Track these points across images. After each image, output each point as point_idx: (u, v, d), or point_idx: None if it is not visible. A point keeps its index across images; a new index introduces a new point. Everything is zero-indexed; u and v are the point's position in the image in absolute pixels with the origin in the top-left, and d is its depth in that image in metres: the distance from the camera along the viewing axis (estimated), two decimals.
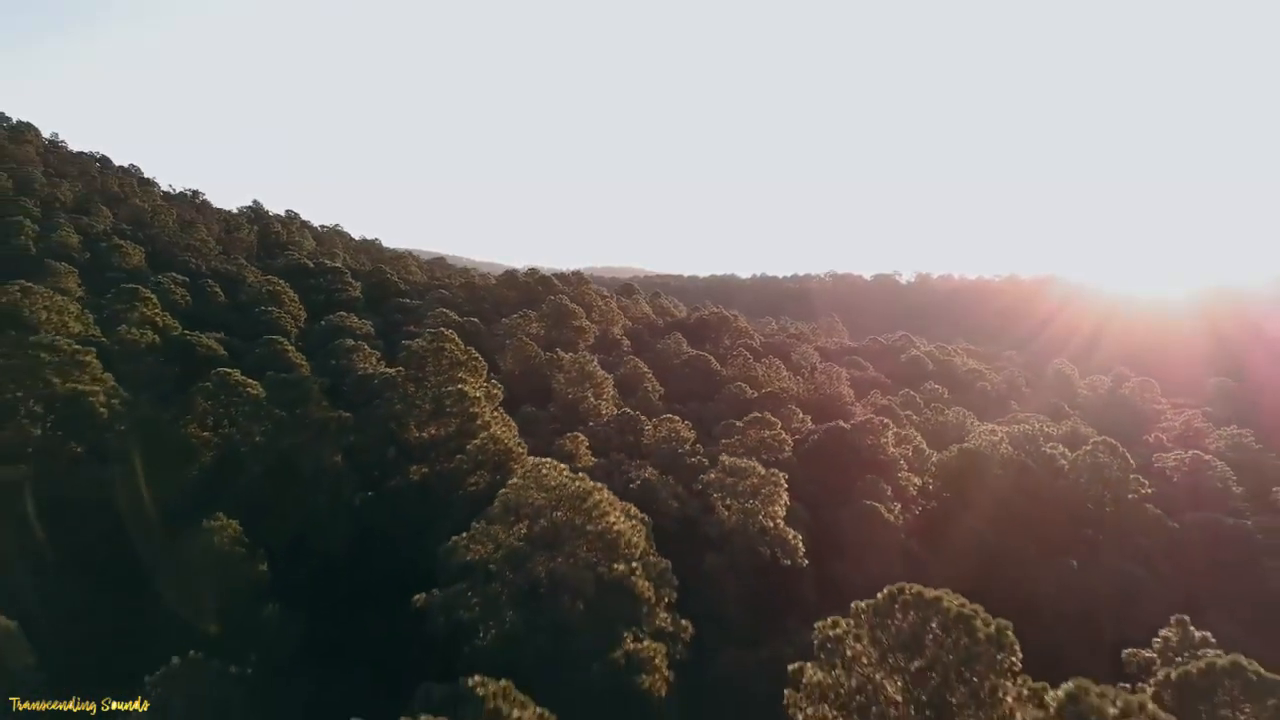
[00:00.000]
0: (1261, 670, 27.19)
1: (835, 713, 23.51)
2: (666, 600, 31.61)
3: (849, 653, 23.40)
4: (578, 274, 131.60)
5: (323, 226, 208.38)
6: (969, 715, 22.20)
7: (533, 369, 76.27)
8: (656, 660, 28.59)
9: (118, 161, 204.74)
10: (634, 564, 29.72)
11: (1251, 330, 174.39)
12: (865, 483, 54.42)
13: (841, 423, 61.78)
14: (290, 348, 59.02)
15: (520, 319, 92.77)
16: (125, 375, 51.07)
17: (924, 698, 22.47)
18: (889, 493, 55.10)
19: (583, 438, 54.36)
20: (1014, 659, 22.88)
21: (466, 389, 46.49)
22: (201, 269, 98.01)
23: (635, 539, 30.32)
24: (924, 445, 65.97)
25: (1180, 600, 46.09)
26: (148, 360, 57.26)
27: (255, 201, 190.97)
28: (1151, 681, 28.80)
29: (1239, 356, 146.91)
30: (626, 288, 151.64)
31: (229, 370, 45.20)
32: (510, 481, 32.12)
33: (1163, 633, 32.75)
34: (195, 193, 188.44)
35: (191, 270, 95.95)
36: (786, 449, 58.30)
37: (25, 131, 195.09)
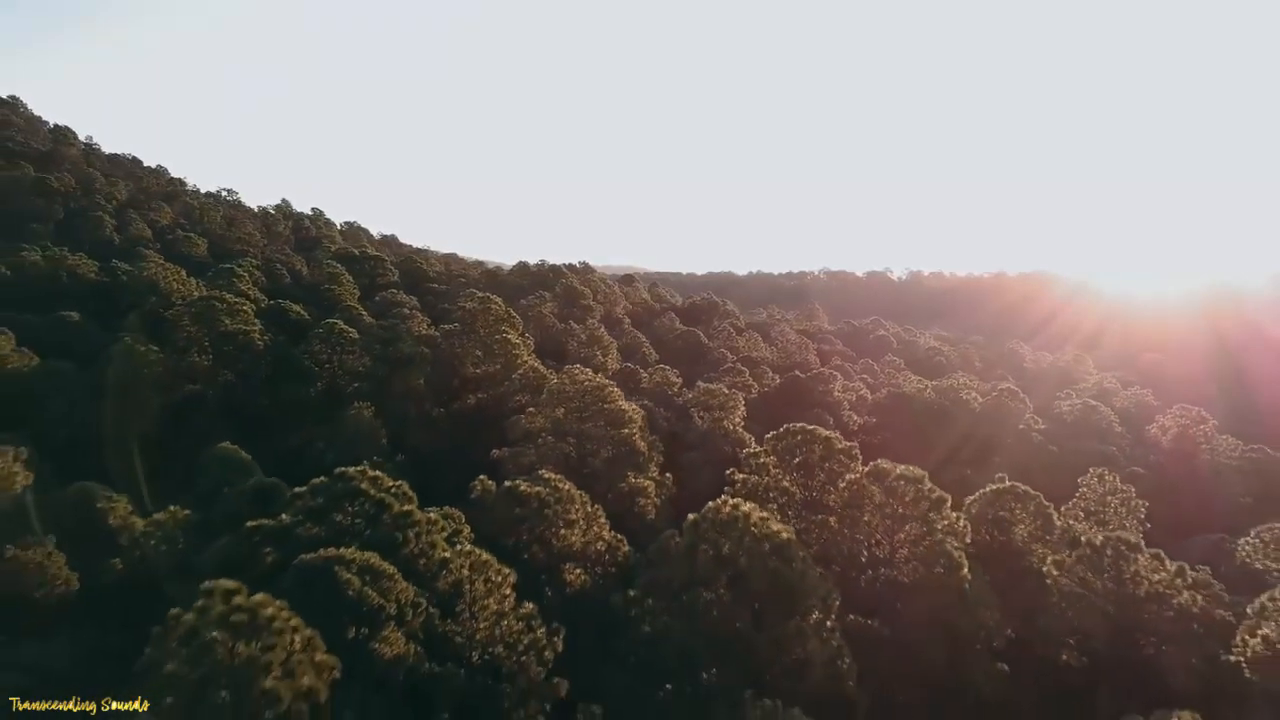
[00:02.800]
0: (1029, 489, 43.13)
1: (751, 502, 39.34)
2: (657, 460, 47.61)
3: (760, 461, 39.38)
4: (585, 264, 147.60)
5: (344, 223, 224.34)
6: (828, 490, 38.21)
7: (550, 336, 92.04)
8: (649, 489, 44.50)
9: (143, 162, 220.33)
10: (634, 430, 45.63)
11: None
12: (812, 415, 70.17)
13: (798, 373, 77.74)
14: (364, 312, 74.94)
15: (536, 299, 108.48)
16: None
17: (802, 482, 38.49)
18: (831, 423, 70.85)
19: None
20: (857, 464, 38.88)
21: (510, 337, 62.45)
22: (256, 258, 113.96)
23: (635, 416, 46.29)
24: (868, 395, 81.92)
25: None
26: None
27: (284, 200, 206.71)
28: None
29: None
30: (627, 278, 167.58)
31: (335, 320, 61.17)
32: (551, 383, 48.13)
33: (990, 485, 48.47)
34: (230, 191, 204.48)
35: (249, 258, 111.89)
36: (753, 391, 74.32)
37: (67, 135, 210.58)
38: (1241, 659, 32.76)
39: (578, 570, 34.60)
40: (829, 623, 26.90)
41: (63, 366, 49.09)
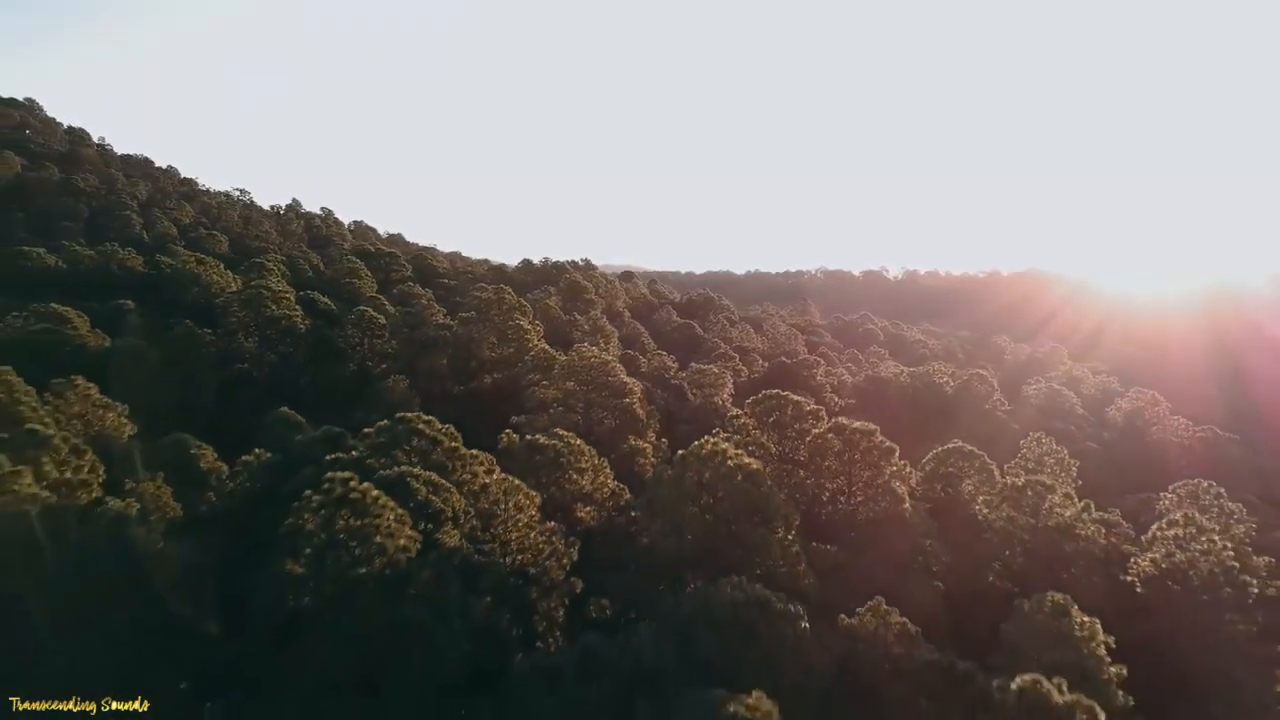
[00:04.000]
0: (975, 449, 49.93)
1: (734, 448, 46.24)
2: (654, 427, 54.47)
3: (742, 422, 46.29)
4: (587, 261, 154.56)
5: (352, 223, 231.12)
6: (798, 445, 45.07)
7: (555, 327, 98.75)
8: (647, 451, 51.37)
9: (153, 162, 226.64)
10: (634, 400, 52.50)
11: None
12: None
13: (784, 359, 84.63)
14: (387, 302, 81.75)
15: (542, 293, 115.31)
16: None
17: (777, 438, 45.39)
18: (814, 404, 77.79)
19: None
20: (822, 422, 45.75)
21: (522, 323, 69.32)
22: (277, 254, 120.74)
23: (635, 388, 53.16)
24: (849, 380, 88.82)
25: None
26: None
27: (295, 199, 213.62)
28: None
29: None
30: (626, 274, 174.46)
31: (364, 308, 68.01)
32: (561, 360, 54.98)
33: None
34: (243, 191, 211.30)
35: (272, 254, 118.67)
36: (743, 375, 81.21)
37: (84, 137, 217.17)
38: (1135, 579, 39.81)
39: (588, 508, 41.41)
40: (789, 536, 33.79)
41: (135, 344, 55.92)
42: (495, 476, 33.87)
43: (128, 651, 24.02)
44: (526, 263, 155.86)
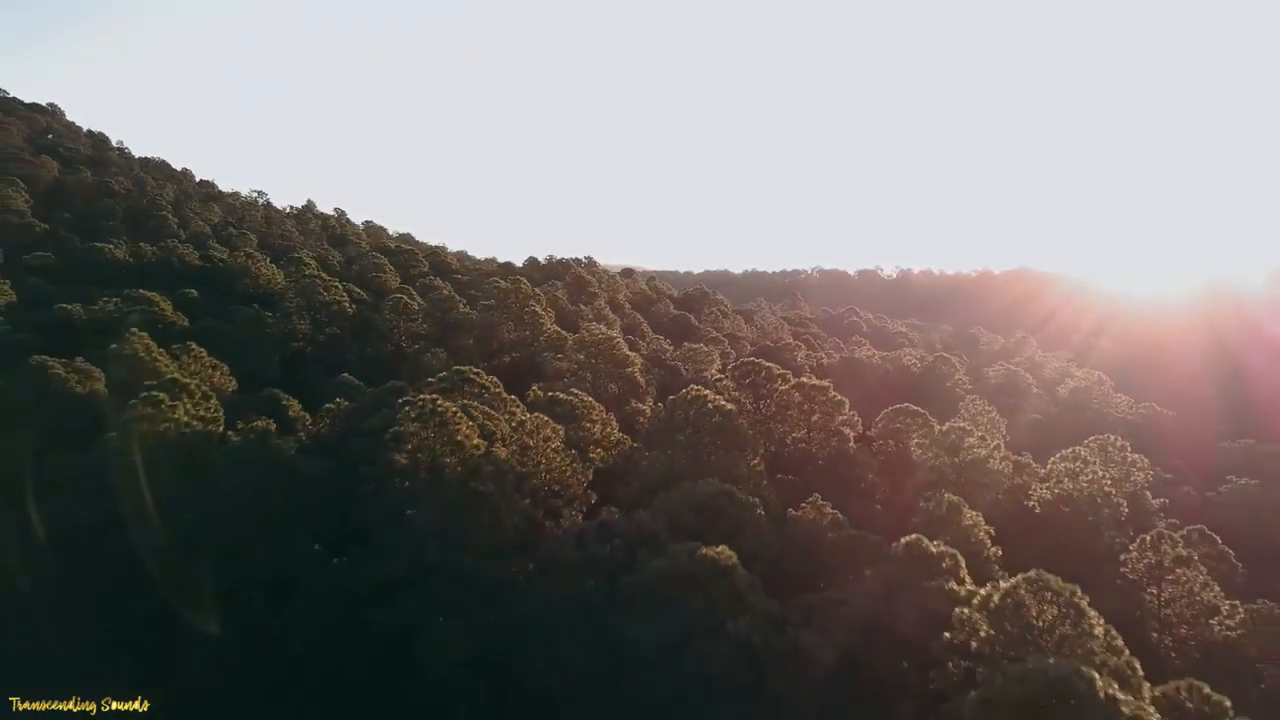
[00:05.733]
0: (920, 409, 59.99)
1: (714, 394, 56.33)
2: (652, 394, 64.67)
3: (722, 383, 56.39)
4: (590, 259, 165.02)
5: (363, 223, 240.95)
6: (770, 402, 55.14)
7: (563, 316, 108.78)
8: (645, 413, 61.50)
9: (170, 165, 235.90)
10: (635, 369, 62.62)
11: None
12: None
13: (769, 343, 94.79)
14: (414, 292, 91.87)
15: (550, 287, 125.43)
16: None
17: (751, 396, 55.47)
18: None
19: None
20: (788, 382, 55.81)
21: (537, 309, 79.44)
22: (308, 251, 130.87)
23: (635, 360, 63.34)
24: (826, 362, 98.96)
25: None
26: None
27: (310, 201, 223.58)
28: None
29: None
30: (627, 271, 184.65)
31: (400, 296, 78.16)
32: (574, 336, 65.13)
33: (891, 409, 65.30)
34: (260, 192, 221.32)
35: (304, 250, 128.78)
36: (731, 358, 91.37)
37: (105, 142, 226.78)
38: (1035, 504, 49.93)
39: (598, 450, 51.51)
40: (755, 460, 43.86)
41: (213, 324, 65.92)
42: (529, 416, 43.93)
43: (280, 528, 34.08)
44: (533, 260, 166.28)
